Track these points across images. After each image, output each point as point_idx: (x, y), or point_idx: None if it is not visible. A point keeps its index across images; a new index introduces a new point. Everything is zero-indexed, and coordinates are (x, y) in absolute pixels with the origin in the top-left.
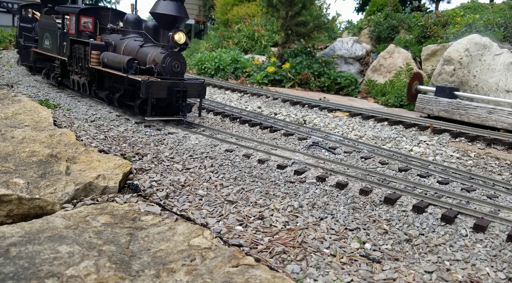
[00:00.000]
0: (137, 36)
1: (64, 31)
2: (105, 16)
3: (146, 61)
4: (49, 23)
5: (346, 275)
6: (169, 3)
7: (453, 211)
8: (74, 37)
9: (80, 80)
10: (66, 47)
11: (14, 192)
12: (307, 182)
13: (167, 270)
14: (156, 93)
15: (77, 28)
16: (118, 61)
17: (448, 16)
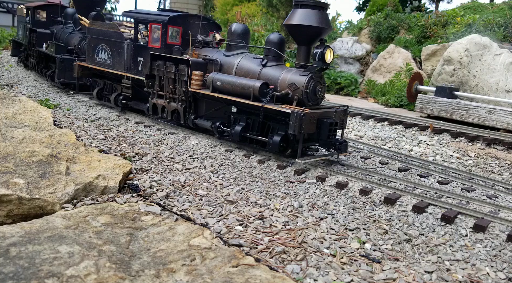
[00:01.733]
0: (245, 51)
1: (140, 44)
2: (194, 26)
3: (276, 85)
4: (108, 32)
5: (346, 275)
6: (309, 12)
7: (453, 211)
8: (159, 51)
9: (169, 106)
10: (144, 64)
11: (14, 192)
12: (307, 182)
13: (167, 270)
14: (308, 127)
15: (164, 41)
16: (243, 86)
17: (448, 16)
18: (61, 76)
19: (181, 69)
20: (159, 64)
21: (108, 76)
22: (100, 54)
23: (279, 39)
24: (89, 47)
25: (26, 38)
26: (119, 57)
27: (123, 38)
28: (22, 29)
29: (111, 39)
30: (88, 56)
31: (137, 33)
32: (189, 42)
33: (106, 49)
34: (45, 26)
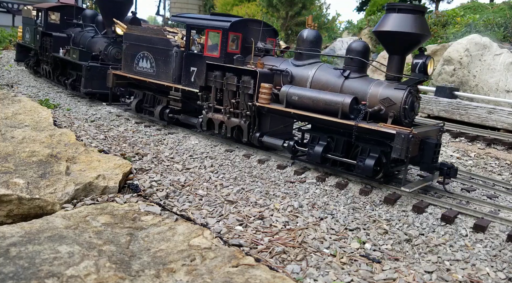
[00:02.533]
0: (318, 61)
1: (193, 53)
2: (253, 32)
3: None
4: (151, 38)
5: (346, 275)
6: (406, 17)
7: (453, 211)
8: (218, 61)
9: (228, 122)
10: (198, 75)
11: (14, 192)
12: (307, 182)
13: (167, 270)
14: (413, 150)
15: (223, 49)
16: (327, 102)
17: (448, 16)
18: (88, 86)
19: (246, 81)
20: (216, 75)
21: (149, 87)
22: (140, 63)
23: (364, 48)
24: (127, 54)
25: (36, 42)
26: (165, 67)
27: (170, 45)
28: (30, 32)
29: (156, 46)
30: (125, 64)
31: (189, 40)
32: (251, 50)
33: (149, 57)
34: (59, 29)
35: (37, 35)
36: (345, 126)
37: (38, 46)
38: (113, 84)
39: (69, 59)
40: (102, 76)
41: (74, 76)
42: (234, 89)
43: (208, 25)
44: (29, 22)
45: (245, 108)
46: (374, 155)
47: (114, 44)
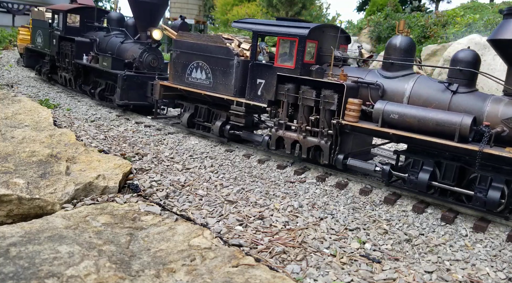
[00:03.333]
0: (412, 72)
1: (260, 63)
2: (329, 39)
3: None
4: (207, 46)
5: (346, 275)
6: None
7: (453, 211)
8: (293, 73)
9: (304, 141)
10: (266, 88)
11: (14, 192)
12: (307, 182)
13: (167, 270)
14: None
15: (299, 59)
16: (439, 122)
17: (448, 16)
18: (124, 97)
19: (328, 95)
20: (289, 88)
21: (203, 100)
22: (194, 73)
23: (474, 57)
24: (177, 63)
25: (52, 47)
26: (224, 78)
27: (231, 55)
28: (43, 36)
29: (213, 55)
30: (174, 74)
31: (256, 49)
32: (326, 60)
33: (204, 67)
34: (79, 33)
35: (53, 39)
36: (464, 151)
37: (55, 52)
38: (160, 96)
39: (98, 68)
40: (139, 86)
41: (102, 85)
42: (311, 104)
43: (280, 32)
44: (42, 25)
45: (326, 126)
46: (498, 186)
47: (150, 50)
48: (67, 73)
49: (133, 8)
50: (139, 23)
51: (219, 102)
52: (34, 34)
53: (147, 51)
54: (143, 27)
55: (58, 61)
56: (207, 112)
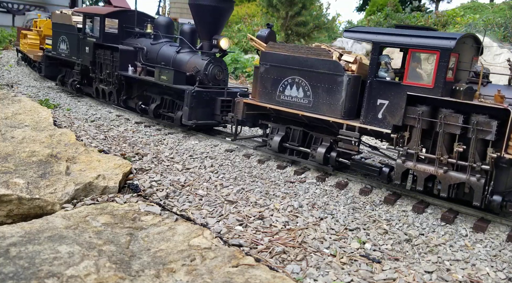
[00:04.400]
0: None
1: (383, 80)
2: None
3: None
4: (306, 59)
5: (346, 275)
6: None
7: (453, 211)
8: (431, 93)
9: (446, 177)
10: (390, 111)
11: (14, 192)
12: (307, 182)
13: (167, 270)
14: None
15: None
16: None
17: (448, 16)
18: (193, 116)
19: (482, 122)
20: (424, 112)
21: (298, 121)
22: (288, 91)
23: None
24: (265, 79)
25: (85, 55)
26: (329, 97)
27: (340, 70)
28: (68, 43)
29: (314, 70)
30: (261, 91)
31: (377, 63)
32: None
33: (302, 83)
34: (116, 40)
35: (86, 47)
36: None
37: (89, 61)
38: (243, 116)
39: (153, 81)
40: (206, 103)
41: (157, 101)
42: (456, 132)
43: (413, 44)
44: (68, 30)
45: (478, 160)
46: None
47: (215, 61)
48: (106, 86)
49: (195, 13)
50: (202, 30)
51: (319, 124)
52: (55, 40)
53: (212, 63)
54: (207, 35)
55: (93, 71)
56: (302, 135)
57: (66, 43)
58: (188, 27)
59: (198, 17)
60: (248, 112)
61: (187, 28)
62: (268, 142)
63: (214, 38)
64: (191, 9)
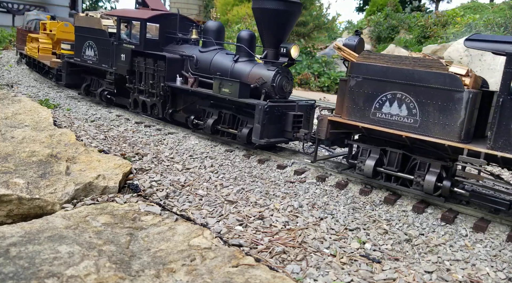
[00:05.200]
0: None
1: None
2: None
3: None
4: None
5: (346, 275)
6: None
7: (453, 211)
8: None
9: None
10: None
11: (14, 192)
12: (307, 182)
13: (167, 270)
14: None
15: None
16: None
17: (448, 16)
18: (265, 134)
19: None
20: None
21: (396, 142)
22: (386, 108)
23: None
24: (357, 94)
25: (120, 63)
26: (443, 116)
27: (457, 85)
28: (97, 49)
29: (422, 84)
30: (351, 107)
31: (511, 77)
32: None
33: (406, 100)
34: (157, 47)
35: (121, 54)
36: None
37: (126, 70)
38: (327, 135)
39: (213, 94)
40: (277, 118)
41: (214, 115)
42: None
43: None
44: (96, 35)
45: None
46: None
47: (282, 72)
48: (149, 98)
49: (260, 18)
50: (267, 37)
51: (426, 147)
52: (79, 45)
53: (279, 73)
54: (272, 42)
55: (130, 82)
56: (401, 159)
57: (94, 49)
58: (247, 33)
59: (263, 23)
60: (332, 131)
61: (246, 34)
62: (359, 165)
63: (282, 46)
64: (255, 14)
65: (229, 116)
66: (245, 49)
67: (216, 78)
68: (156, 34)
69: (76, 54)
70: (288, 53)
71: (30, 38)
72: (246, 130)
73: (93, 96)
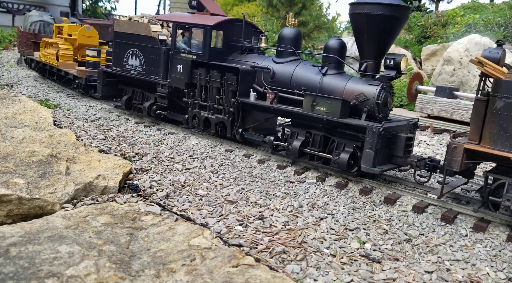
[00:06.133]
0: None
1: None
2: None
3: None
4: None
5: (346, 275)
6: None
7: (453, 211)
8: None
9: None
10: None
11: (14, 192)
12: (307, 182)
13: (167, 270)
14: None
15: None
16: None
17: (448, 16)
18: (377, 161)
19: None
20: None
21: None
22: None
23: None
24: (507, 118)
25: (176, 75)
26: None
27: None
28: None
29: None
30: (499, 135)
31: None
32: None
33: None
34: (221, 57)
35: (178, 65)
36: None
37: (184, 83)
38: (461, 166)
39: (307, 114)
40: (388, 142)
41: (299, 135)
42: None
43: None
44: (143, 42)
45: None
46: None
47: (386, 87)
48: (214, 115)
49: (359, 25)
50: (369, 47)
51: None
52: (120, 53)
53: (384, 89)
54: (373, 52)
55: (189, 96)
56: None
57: (140, 58)
58: (337, 42)
59: (365, 31)
60: (467, 161)
61: (336, 43)
62: (506, 204)
63: (389, 57)
64: (353, 20)
65: (320, 137)
66: (337, 59)
67: (308, 95)
68: (219, 42)
69: (115, 63)
70: (397, 66)
71: (44, 43)
72: (345, 156)
73: (136, 110)
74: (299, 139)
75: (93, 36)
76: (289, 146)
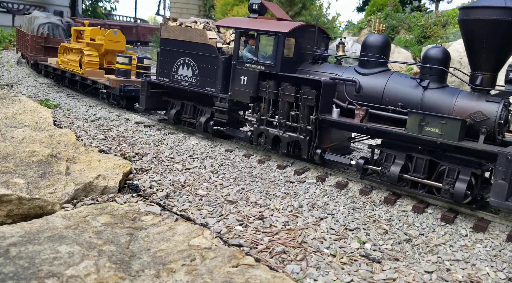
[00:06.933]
0: None
1: None
2: None
3: None
4: None
5: (346, 275)
6: None
7: (453, 211)
8: None
9: None
10: None
11: (14, 192)
12: (307, 182)
13: (167, 270)
14: None
15: None
16: None
17: (448, 16)
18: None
19: None
20: None
21: None
22: None
23: None
24: None
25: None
26: None
27: None
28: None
29: None
30: None
31: None
32: None
33: None
34: (292, 67)
35: (242, 76)
36: None
37: (249, 96)
38: None
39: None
40: None
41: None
42: None
43: None
44: (197, 50)
45: None
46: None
47: (507, 105)
48: (286, 133)
49: (472, 32)
50: (486, 57)
51: None
52: (168, 62)
53: (505, 107)
54: (491, 64)
55: (254, 110)
56: None
57: (193, 68)
58: (440, 51)
59: (479, 39)
60: None
61: (438, 52)
62: None
63: None
64: (465, 27)
65: (425, 162)
66: (441, 71)
67: (414, 113)
68: (291, 51)
69: (161, 73)
70: None
71: (63, 48)
72: (462, 185)
73: (186, 125)
74: (397, 164)
75: (120, 41)
76: (384, 171)
